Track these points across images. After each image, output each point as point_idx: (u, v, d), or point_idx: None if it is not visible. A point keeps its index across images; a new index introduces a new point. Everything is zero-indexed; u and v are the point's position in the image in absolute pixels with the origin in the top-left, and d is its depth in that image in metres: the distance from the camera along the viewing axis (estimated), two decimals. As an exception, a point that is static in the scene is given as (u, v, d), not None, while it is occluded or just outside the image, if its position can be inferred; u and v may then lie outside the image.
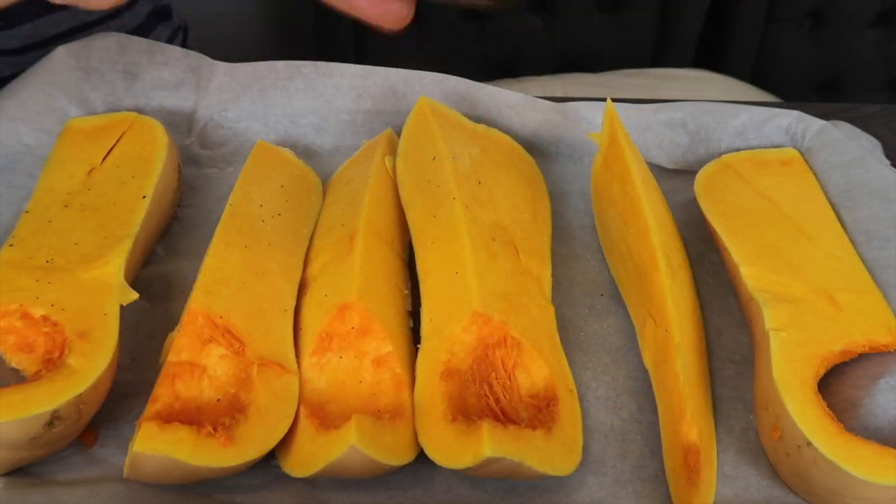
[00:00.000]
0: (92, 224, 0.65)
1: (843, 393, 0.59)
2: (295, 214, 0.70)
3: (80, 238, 0.63)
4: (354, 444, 0.51)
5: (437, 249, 0.64)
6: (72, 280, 0.60)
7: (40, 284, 0.59)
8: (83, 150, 0.72)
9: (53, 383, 0.53)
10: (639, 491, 0.56)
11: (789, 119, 0.78)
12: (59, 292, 0.58)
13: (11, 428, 0.51)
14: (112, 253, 0.62)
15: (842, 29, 1.54)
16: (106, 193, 0.68)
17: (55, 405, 0.52)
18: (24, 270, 0.60)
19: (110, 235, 0.64)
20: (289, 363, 0.59)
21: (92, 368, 0.54)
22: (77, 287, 0.59)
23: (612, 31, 1.52)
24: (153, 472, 0.52)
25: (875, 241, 0.66)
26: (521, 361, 0.59)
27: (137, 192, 0.68)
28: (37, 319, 0.57)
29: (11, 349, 0.57)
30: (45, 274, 0.60)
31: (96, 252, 0.62)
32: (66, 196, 0.67)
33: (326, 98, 0.80)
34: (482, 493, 0.56)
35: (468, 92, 0.79)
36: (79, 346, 0.55)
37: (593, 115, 0.78)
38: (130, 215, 0.66)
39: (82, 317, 0.57)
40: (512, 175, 0.73)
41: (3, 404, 0.50)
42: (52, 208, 0.66)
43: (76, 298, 0.58)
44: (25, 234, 0.64)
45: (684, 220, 0.74)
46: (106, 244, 0.63)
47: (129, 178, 0.70)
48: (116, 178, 0.70)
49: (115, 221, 0.66)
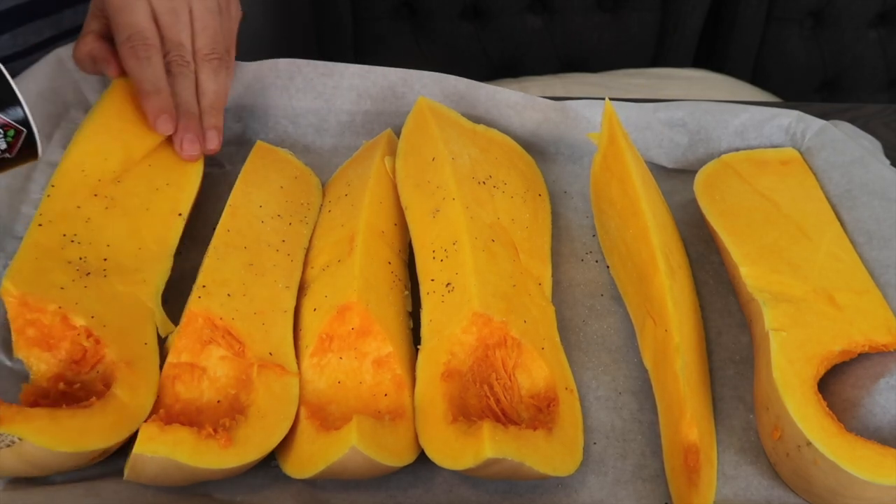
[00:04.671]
0: (124, 227, 0.64)
1: (843, 393, 0.59)
2: (294, 215, 0.70)
3: (111, 240, 0.63)
4: (355, 445, 0.51)
5: (436, 250, 0.64)
6: (109, 290, 0.60)
7: (77, 287, 0.58)
8: (125, 128, 0.69)
9: (107, 417, 0.53)
10: (639, 491, 0.56)
11: (789, 119, 0.78)
12: (98, 303, 0.58)
13: (61, 456, 0.51)
14: (148, 269, 0.62)
15: (842, 29, 1.53)
16: (138, 194, 0.67)
17: (110, 443, 0.52)
18: (58, 263, 0.59)
19: (145, 248, 0.64)
20: (289, 364, 0.59)
21: (141, 406, 0.55)
22: (114, 300, 0.59)
23: (612, 31, 1.52)
24: (154, 474, 0.52)
25: (875, 241, 0.66)
26: (522, 362, 0.59)
27: (173, 206, 0.68)
28: (77, 328, 0.57)
29: (27, 342, 0.56)
30: (81, 275, 0.59)
31: (131, 263, 0.62)
32: (95, 183, 0.66)
33: (326, 98, 0.80)
34: (483, 494, 0.56)
35: (467, 91, 0.79)
36: (126, 377, 0.55)
37: (593, 113, 0.78)
38: (166, 232, 0.66)
39: (125, 340, 0.57)
40: (511, 175, 0.73)
41: (59, 434, 0.50)
42: (81, 193, 0.65)
43: (116, 315, 0.58)
44: (52, 215, 0.63)
45: (684, 220, 0.74)
46: (140, 256, 0.63)
47: (163, 185, 0.69)
48: (149, 179, 0.68)
49: (148, 232, 0.65)
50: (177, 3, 0.70)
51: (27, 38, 0.85)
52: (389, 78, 0.79)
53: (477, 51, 1.52)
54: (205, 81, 0.72)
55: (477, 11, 1.49)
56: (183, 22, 0.70)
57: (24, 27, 0.84)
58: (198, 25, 0.71)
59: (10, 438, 0.49)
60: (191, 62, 0.71)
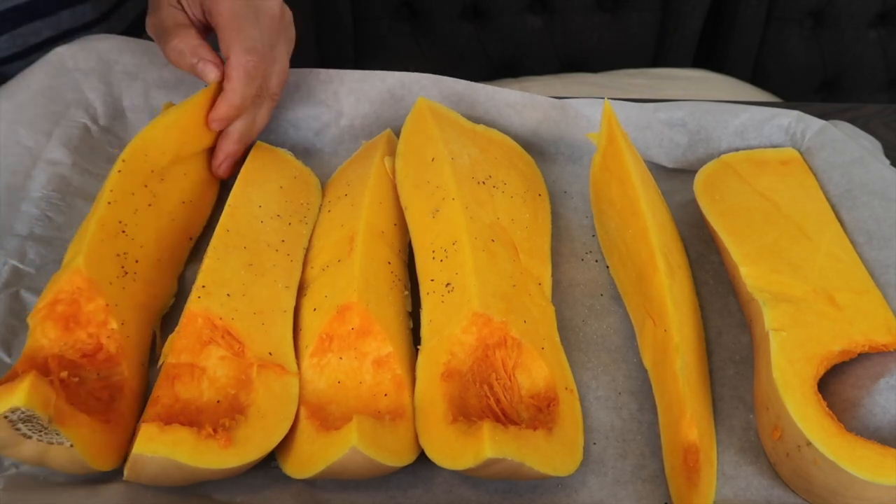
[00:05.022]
0: (154, 231, 0.65)
1: (843, 393, 0.59)
2: (294, 215, 0.70)
3: (144, 241, 0.64)
4: (355, 445, 0.51)
5: (436, 250, 0.64)
6: (135, 298, 0.61)
7: (118, 285, 0.59)
8: (188, 129, 0.70)
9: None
10: (639, 491, 0.56)
11: (789, 119, 0.78)
12: (127, 309, 0.59)
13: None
14: (160, 284, 0.64)
15: (842, 29, 1.53)
16: (170, 201, 0.68)
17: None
18: (111, 252, 0.60)
19: (163, 260, 0.65)
20: (289, 364, 0.59)
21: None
22: (136, 311, 0.60)
23: (612, 31, 1.52)
24: (153, 474, 0.52)
25: (875, 241, 0.66)
26: (522, 362, 0.59)
27: (187, 227, 0.69)
28: (109, 330, 0.57)
29: (50, 313, 0.56)
30: (122, 274, 0.60)
31: (151, 274, 0.63)
32: (149, 173, 0.67)
33: (326, 104, 0.80)
34: (483, 494, 0.56)
35: (466, 93, 0.79)
36: (133, 394, 0.57)
37: (593, 111, 0.78)
38: (181, 252, 0.68)
39: (135, 356, 0.59)
40: (511, 175, 0.73)
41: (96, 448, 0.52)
42: (140, 177, 0.66)
43: (136, 328, 0.59)
44: (119, 193, 0.63)
45: (684, 220, 0.74)
46: (159, 269, 0.64)
47: (188, 200, 0.70)
48: (181, 189, 0.69)
49: (167, 245, 0.66)
50: (274, 38, 0.72)
51: (26, 39, 0.84)
52: (388, 81, 0.79)
53: (477, 51, 1.52)
54: (259, 115, 0.74)
55: (477, 11, 1.49)
56: (273, 57, 0.72)
57: (23, 28, 0.84)
58: (277, 66, 0.73)
59: (66, 441, 0.50)
60: (266, 97, 0.73)
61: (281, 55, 0.73)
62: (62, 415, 0.50)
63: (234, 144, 0.73)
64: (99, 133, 0.77)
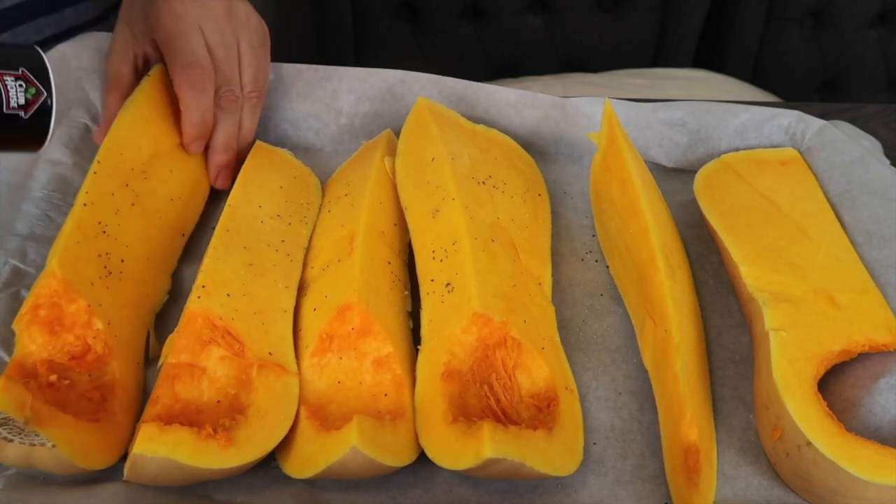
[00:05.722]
0: (141, 231, 0.65)
1: (843, 393, 0.59)
2: (294, 215, 0.70)
3: (130, 241, 0.63)
4: (355, 445, 0.51)
5: (436, 250, 0.64)
6: (122, 298, 0.60)
7: (101, 286, 0.59)
8: (158, 121, 0.70)
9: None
10: (639, 491, 0.56)
11: (789, 119, 0.78)
12: (113, 309, 0.59)
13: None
14: (152, 283, 0.64)
15: (842, 29, 1.53)
16: (157, 199, 0.67)
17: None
18: (92, 253, 0.60)
19: (153, 259, 0.65)
20: (289, 364, 0.59)
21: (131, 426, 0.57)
22: (125, 310, 0.60)
23: (612, 31, 1.52)
24: (153, 474, 0.52)
25: (875, 241, 0.66)
26: (522, 362, 0.59)
27: (179, 224, 0.69)
28: (94, 330, 0.57)
29: (34, 318, 0.56)
30: (105, 274, 0.60)
31: (140, 273, 0.63)
32: (129, 171, 0.66)
33: (326, 102, 0.80)
34: (483, 494, 0.56)
35: (466, 92, 0.79)
36: (127, 394, 0.57)
37: (593, 110, 0.78)
38: (172, 250, 0.68)
39: (127, 355, 0.58)
40: (511, 175, 0.73)
41: (82, 447, 0.52)
42: (118, 177, 0.65)
43: (125, 327, 0.59)
44: (96, 195, 0.63)
45: (684, 220, 0.74)
46: (148, 267, 0.64)
47: (176, 197, 0.69)
48: (168, 186, 0.69)
49: (157, 244, 0.66)
50: (228, 38, 0.71)
51: (28, 37, 0.84)
52: (388, 80, 0.79)
53: (477, 51, 1.52)
54: (243, 118, 0.74)
55: (477, 11, 1.49)
56: (233, 57, 0.72)
57: (25, 25, 0.84)
58: (244, 63, 0.73)
59: (47, 441, 0.50)
60: (240, 98, 0.73)
61: (245, 51, 0.72)
62: (40, 416, 0.50)
63: (222, 155, 0.73)
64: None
